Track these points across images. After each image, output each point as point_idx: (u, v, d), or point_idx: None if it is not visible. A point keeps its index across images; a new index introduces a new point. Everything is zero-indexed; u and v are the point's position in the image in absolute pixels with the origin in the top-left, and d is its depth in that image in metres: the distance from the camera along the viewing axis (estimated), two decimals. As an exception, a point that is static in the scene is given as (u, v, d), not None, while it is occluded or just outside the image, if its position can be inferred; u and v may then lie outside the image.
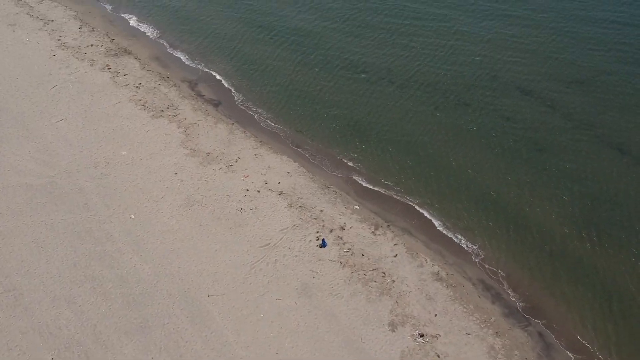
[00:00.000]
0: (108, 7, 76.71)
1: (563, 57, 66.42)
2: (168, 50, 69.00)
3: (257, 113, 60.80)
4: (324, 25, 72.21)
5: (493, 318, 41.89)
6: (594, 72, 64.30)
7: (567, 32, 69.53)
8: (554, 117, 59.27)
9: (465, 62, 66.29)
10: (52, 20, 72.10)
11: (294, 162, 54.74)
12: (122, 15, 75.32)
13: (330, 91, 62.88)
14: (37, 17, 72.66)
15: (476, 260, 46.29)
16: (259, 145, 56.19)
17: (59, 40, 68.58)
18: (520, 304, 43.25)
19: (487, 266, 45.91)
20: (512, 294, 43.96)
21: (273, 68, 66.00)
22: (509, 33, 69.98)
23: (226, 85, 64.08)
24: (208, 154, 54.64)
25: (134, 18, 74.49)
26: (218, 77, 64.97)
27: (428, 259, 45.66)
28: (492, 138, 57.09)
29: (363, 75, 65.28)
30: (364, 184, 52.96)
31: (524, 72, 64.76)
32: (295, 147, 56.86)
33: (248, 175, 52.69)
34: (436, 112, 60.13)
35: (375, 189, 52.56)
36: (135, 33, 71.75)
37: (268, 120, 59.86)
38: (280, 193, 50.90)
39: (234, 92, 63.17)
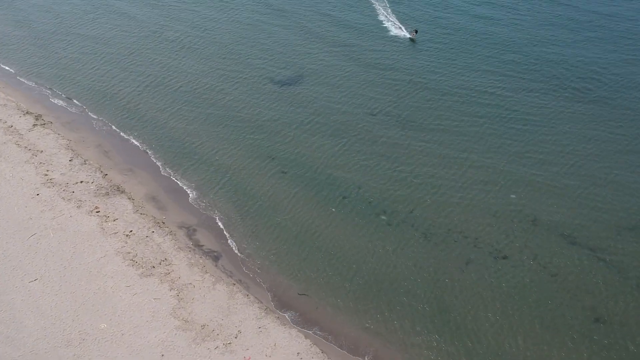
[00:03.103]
0: (104, 134, 70.06)
1: (608, 199, 58.71)
2: (166, 188, 61.57)
3: (262, 270, 52.62)
4: (336, 154, 65.35)
5: None
6: (645, 216, 56.64)
7: (607, 174, 62.00)
8: (609, 274, 50.90)
9: (500, 203, 58.49)
10: (41, 151, 65.68)
11: (305, 337, 45.97)
12: (119, 144, 68.33)
13: (348, 239, 54.98)
14: (26, 147, 66.38)
15: None
16: (264, 314, 47.67)
17: (46, 175, 61.83)
18: None
19: None
20: None
21: (281, 209, 58.36)
22: (546, 174, 62.35)
23: (228, 232, 56.18)
24: (203, 327, 46.14)
25: (133, 147, 67.76)
26: (220, 222, 57.15)
27: None
28: (537, 303, 48.54)
29: (383, 217, 57.67)
30: (389, 371, 44.12)
31: (567, 215, 56.89)
32: (308, 317, 48.31)
33: (249, 358, 43.97)
34: (467, 267, 51.95)
35: (404, 378, 43.72)
36: (132, 166, 64.70)
37: (275, 280, 51.58)
38: (288, 384, 42.06)
39: (237, 242, 55.18)
